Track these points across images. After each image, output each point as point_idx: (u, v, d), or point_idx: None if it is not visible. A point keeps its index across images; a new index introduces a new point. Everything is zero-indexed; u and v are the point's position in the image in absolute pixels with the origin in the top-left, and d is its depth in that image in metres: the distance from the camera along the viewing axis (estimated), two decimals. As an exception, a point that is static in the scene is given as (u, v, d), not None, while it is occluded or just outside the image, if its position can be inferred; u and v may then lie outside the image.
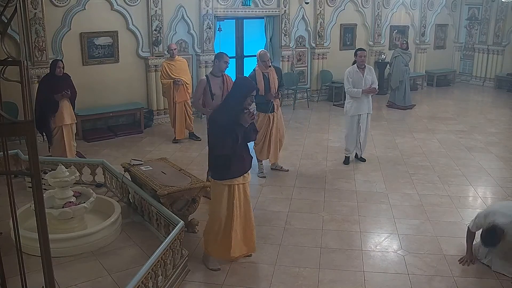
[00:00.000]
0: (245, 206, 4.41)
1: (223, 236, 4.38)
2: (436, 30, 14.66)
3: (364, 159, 7.57)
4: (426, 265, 4.58)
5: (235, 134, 4.09)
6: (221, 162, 4.20)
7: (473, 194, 6.43)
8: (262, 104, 6.68)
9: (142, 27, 9.40)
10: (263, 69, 6.61)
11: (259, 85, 6.48)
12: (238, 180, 4.28)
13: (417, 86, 14.11)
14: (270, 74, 6.64)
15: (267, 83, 6.56)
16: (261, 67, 6.62)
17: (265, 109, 6.69)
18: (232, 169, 4.21)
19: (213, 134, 4.24)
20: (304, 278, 4.35)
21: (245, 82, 4.41)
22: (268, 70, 6.63)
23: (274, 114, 6.77)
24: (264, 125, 6.72)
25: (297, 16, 11.67)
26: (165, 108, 9.70)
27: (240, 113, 4.14)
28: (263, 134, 6.75)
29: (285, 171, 7.07)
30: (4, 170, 2.83)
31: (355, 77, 7.15)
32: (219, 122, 4.14)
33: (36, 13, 8.08)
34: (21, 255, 2.72)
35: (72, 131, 7.08)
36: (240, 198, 4.34)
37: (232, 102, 4.21)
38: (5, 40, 2.45)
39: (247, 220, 4.47)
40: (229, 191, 4.28)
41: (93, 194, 4.97)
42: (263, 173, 6.91)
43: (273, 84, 6.61)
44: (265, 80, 6.56)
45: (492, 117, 10.80)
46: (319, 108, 11.55)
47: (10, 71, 2.82)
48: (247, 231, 4.49)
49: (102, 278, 4.14)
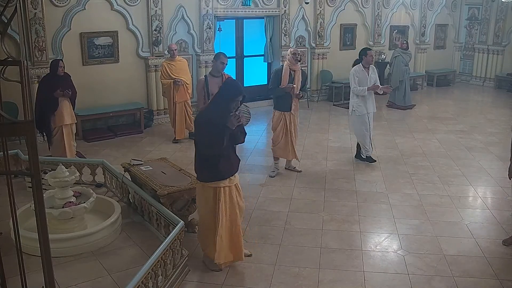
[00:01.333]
0: (231, 210, 4.29)
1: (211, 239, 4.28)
2: (436, 30, 14.67)
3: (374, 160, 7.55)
4: (426, 265, 4.58)
5: (221, 137, 4.03)
6: (208, 163, 4.16)
7: (473, 194, 6.43)
8: (280, 101, 6.73)
9: (142, 27, 9.41)
10: (291, 66, 6.63)
11: (284, 78, 6.57)
12: (224, 183, 4.21)
13: (417, 86, 14.11)
14: (296, 73, 6.67)
15: (291, 81, 6.61)
16: (291, 62, 6.63)
17: (282, 107, 6.72)
18: (218, 171, 4.16)
19: (199, 136, 4.20)
20: (304, 278, 4.35)
21: (233, 85, 4.33)
22: (295, 67, 6.64)
23: (291, 114, 6.76)
24: (280, 123, 6.77)
25: (297, 16, 11.67)
26: (165, 108, 9.70)
27: (227, 115, 4.07)
28: (281, 132, 6.79)
29: (298, 172, 7.05)
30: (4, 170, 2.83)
31: (361, 76, 7.21)
32: (205, 124, 4.09)
33: (36, 13, 8.08)
34: (21, 255, 2.72)
35: (72, 131, 7.08)
36: (225, 202, 4.24)
37: (219, 103, 4.15)
38: (5, 40, 2.45)
39: (234, 226, 4.33)
40: (214, 194, 4.21)
41: (93, 194, 4.97)
42: (274, 172, 6.93)
43: (297, 84, 6.64)
44: (290, 78, 6.61)
45: (492, 117, 10.80)
46: (319, 108, 11.55)
47: (10, 71, 2.83)
48: (234, 237, 4.34)
49: (102, 278, 4.14)
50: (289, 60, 6.66)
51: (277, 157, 7.02)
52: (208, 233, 4.33)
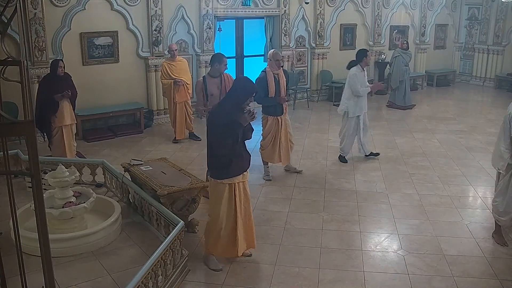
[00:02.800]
0: (245, 204, 4.44)
1: (226, 235, 4.38)
2: (436, 30, 14.67)
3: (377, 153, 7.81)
4: (426, 265, 4.58)
5: (236, 134, 4.10)
6: (222, 162, 4.22)
7: (473, 194, 6.43)
8: (271, 107, 6.59)
9: (142, 27, 9.41)
10: (274, 70, 6.47)
11: (270, 87, 6.39)
12: (238, 179, 4.31)
13: (417, 86, 14.11)
14: (280, 75, 6.53)
15: (277, 85, 6.46)
16: (273, 67, 6.46)
17: (275, 112, 6.60)
18: (232, 167, 4.24)
19: (213, 134, 4.24)
20: (304, 278, 4.35)
21: (248, 83, 4.40)
22: (278, 71, 6.51)
23: (283, 117, 6.70)
24: (273, 128, 6.66)
25: (297, 16, 11.67)
26: (165, 108, 9.70)
27: (240, 113, 4.14)
28: (272, 137, 6.69)
29: (298, 172, 7.02)
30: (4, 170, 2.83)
31: (359, 76, 7.26)
32: (218, 122, 4.14)
33: (36, 13, 8.08)
34: (21, 255, 2.72)
35: (72, 132, 7.08)
36: (240, 196, 4.36)
37: (233, 102, 4.21)
38: (5, 40, 2.45)
39: (248, 218, 4.51)
40: (230, 190, 4.30)
41: (93, 194, 4.97)
42: (269, 176, 6.84)
43: (283, 87, 6.52)
44: (275, 82, 6.46)
45: (492, 117, 10.80)
46: (319, 108, 11.55)
47: (10, 71, 2.83)
48: (248, 228, 4.52)
49: (102, 278, 4.14)
50: (271, 66, 6.46)
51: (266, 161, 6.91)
52: (220, 229, 4.35)
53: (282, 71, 6.68)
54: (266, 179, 6.81)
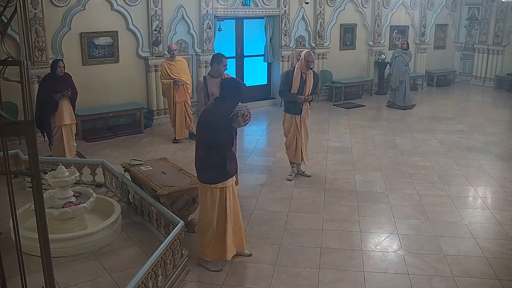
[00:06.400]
0: (234, 207, 4.43)
1: (216, 239, 4.37)
2: (436, 30, 14.66)
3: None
4: (426, 265, 4.58)
5: (230, 137, 4.11)
6: (216, 165, 4.19)
7: (473, 194, 6.43)
8: (290, 105, 6.60)
9: (142, 27, 9.40)
10: (303, 70, 6.44)
11: (295, 82, 6.40)
12: (229, 182, 4.31)
13: (417, 86, 14.11)
14: (307, 76, 6.47)
15: (302, 85, 6.44)
16: (302, 67, 6.42)
17: (293, 111, 6.60)
18: (226, 170, 4.23)
19: (205, 136, 4.19)
20: (304, 278, 4.35)
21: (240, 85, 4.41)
22: (307, 72, 6.46)
23: (301, 117, 6.63)
24: (292, 127, 6.65)
25: (297, 16, 11.66)
26: (165, 108, 9.69)
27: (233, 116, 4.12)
28: (293, 136, 6.68)
29: (307, 176, 6.90)
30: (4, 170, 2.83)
31: None
32: (211, 123, 4.12)
33: (36, 13, 8.08)
34: (21, 255, 2.72)
35: (71, 131, 7.07)
36: (231, 199, 4.35)
37: (227, 104, 4.19)
38: (5, 40, 2.45)
39: (237, 222, 4.49)
40: (221, 194, 4.28)
41: (93, 194, 4.97)
42: (292, 176, 6.81)
43: (308, 88, 6.48)
44: (301, 81, 6.44)
45: (492, 117, 10.80)
46: (319, 108, 11.53)
47: (10, 71, 2.83)
48: (237, 231, 4.51)
49: (102, 278, 4.14)
50: (301, 64, 6.44)
51: (292, 162, 6.88)
52: (212, 234, 4.35)
53: (313, 74, 6.60)
54: (287, 179, 6.76)
